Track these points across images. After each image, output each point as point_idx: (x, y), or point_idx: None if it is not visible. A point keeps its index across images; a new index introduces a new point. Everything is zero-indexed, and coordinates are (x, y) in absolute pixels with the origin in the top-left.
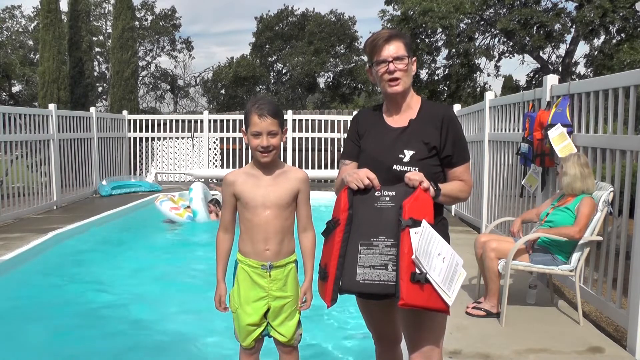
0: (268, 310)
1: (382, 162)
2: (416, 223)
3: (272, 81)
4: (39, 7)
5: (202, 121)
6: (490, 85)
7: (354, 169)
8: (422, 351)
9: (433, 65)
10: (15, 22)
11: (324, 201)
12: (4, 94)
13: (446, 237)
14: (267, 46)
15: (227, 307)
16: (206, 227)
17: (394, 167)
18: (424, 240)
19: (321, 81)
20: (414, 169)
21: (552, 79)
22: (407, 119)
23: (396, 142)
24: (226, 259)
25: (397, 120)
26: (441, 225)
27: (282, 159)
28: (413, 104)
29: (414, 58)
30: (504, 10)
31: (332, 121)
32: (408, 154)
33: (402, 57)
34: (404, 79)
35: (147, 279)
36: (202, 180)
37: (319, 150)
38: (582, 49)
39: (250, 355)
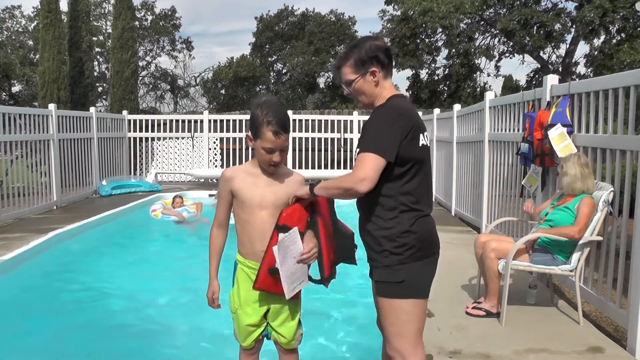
0: (268, 310)
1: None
2: (286, 229)
3: (272, 81)
4: (39, 7)
5: (202, 121)
6: (490, 85)
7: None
8: (391, 344)
9: (433, 65)
10: (15, 22)
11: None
12: (4, 94)
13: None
14: (267, 46)
15: (219, 305)
16: (206, 226)
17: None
18: (288, 241)
19: (321, 81)
20: None
21: (552, 79)
22: None
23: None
24: (219, 255)
25: None
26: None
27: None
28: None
29: (372, 69)
30: (504, 10)
31: (332, 121)
32: (355, 152)
33: (348, 82)
34: (360, 97)
35: (147, 278)
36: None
37: (319, 150)
38: (582, 49)
39: (249, 355)
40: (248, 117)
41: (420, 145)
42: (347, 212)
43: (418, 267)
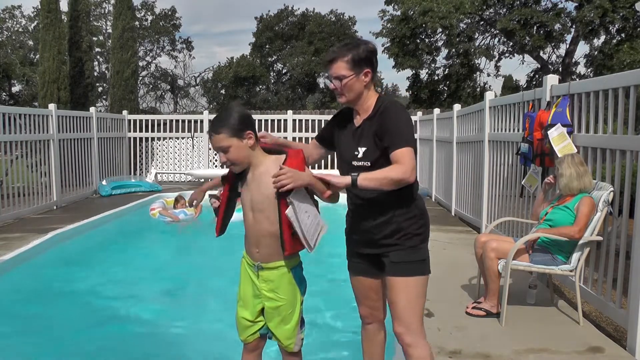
0: (263, 309)
1: (344, 158)
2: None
3: (272, 81)
4: (39, 7)
5: (202, 121)
6: (490, 85)
7: (314, 147)
8: (401, 319)
9: (433, 65)
10: (15, 22)
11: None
12: (4, 94)
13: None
14: (267, 46)
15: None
16: (207, 226)
17: (352, 162)
18: (296, 199)
19: (321, 81)
20: (367, 164)
21: (552, 79)
22: (362, 119)
23: (352, 140)
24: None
25: (358, 120)
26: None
27: None
28: (369, 105)
29: (366, 70)
30: (504, 10)
31: None
32: (361, 151)
33: (340, 77)
34: (346, 93)
35: (147, 278)
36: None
37: None
38: (582, 49)
39: (248, 352)
40: None
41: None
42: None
43: (427, 246)
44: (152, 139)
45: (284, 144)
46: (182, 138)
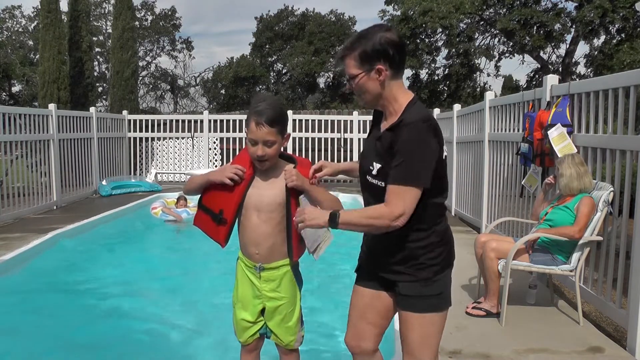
0: (264, 309)
1: (361, 170)
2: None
3: (272, 81)
4: (39, 7)
5: (202, 121)
6: (490, 85)
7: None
8: (412, 356)
9: (433, 65)
10: (15, 22)
11: None
12: (4, 94)
13: None
14: (267, 46)
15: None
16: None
17: (367, 177)
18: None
19: (321, 81)
20: (381, 184)
21: (552, 79)
22: (387, 125)
23: (372, 150)
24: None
25: (384, 126)
26: None
27: None
28: (397, 108)
29: (378, 66)
30: (504, 10)
31: (332, 121)
32: (376, 167)
33: (352, 76)
34: (363, 95)
35: (147, 278)
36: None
37: (319, 150)
38: (582, 49)
39: (248, 353)
40: None
41: (444, 158)
42: None
43: (448, 275)
44: (152, 139)
45: (345, 169)
46: (182, 138)
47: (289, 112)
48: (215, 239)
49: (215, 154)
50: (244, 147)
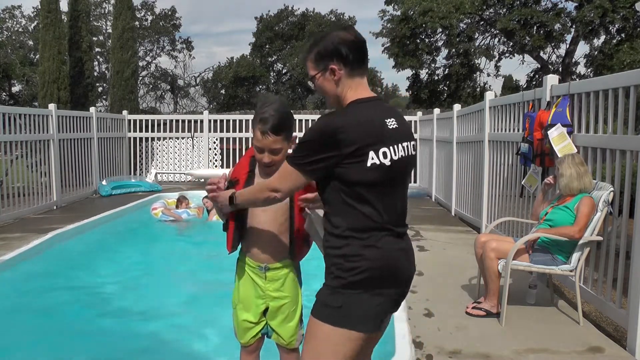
0: (267, 309)
1: None
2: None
3: (272, 81)
4: (39, 7)
5: (202, 121)
6: (490, 85)
7: None
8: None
9: (433, 65)
10: (15, 22)
11: None
12: (4, 94)
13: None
14: (267, 46)
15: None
16: (206, 226)
17: None
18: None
19: None
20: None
21: (552, 79)
22: None
23: None
24: None
25: None
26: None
27: None
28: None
29: (331, 66)
30: (504, 10)
31: None
32: None
33: (311, 77)
34: (325, 96)
35: (147, 278)
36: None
37: None
38: (582, 49)
39: (249, 353)
40: (248, 117)
41: (368, 165)
42: None
43: (361, 296)
44: (152, 139)
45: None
46: (182, 138)
47: None
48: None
49: (215, 154)
50: (244, 147)
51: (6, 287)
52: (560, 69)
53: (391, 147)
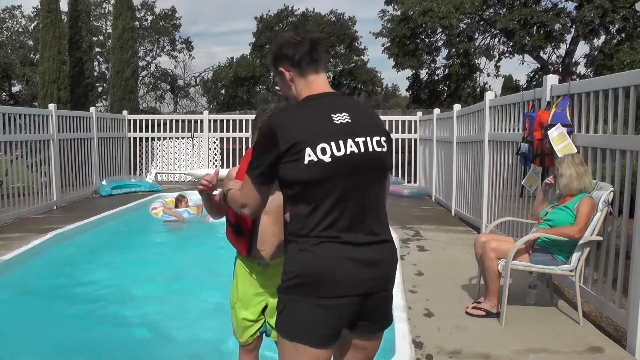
0: (266, 307)
1: None
2: None
3: (272, 81)
4: (39, 7)
5: (202, 121)
6: (490, 85)
7: None
8: None
9: (433, 65)
10: (15, 22)
11: None
12: (4, 94)
13: None
14: (267, 46)
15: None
16: (206, 226)
17: None
18: None
19: None
20: None
21: (552, 79)
22: None
23: None
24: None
25: None
26: None
27: None
28: None
29: (280, 68)
30: (504, 10)
31: None
32: None
33: (275, 83)
34: (289, 99)
35: (147, 278)
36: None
37: None
38: (582, 49)
39: (248, 352)
40: (248, 117)
41: (305, 163)
42: None
43: (299, 304)
44: (152, 139)
45: None
46: (182, 138)
47: None
48: (238, 249)
49: (215, 154)
50: (244, 147)
51: (6, 287)
52: (560, 69)
53: (333, 143)
